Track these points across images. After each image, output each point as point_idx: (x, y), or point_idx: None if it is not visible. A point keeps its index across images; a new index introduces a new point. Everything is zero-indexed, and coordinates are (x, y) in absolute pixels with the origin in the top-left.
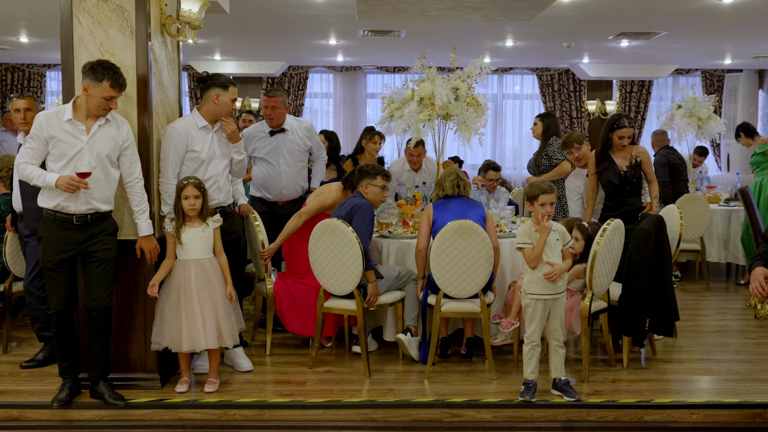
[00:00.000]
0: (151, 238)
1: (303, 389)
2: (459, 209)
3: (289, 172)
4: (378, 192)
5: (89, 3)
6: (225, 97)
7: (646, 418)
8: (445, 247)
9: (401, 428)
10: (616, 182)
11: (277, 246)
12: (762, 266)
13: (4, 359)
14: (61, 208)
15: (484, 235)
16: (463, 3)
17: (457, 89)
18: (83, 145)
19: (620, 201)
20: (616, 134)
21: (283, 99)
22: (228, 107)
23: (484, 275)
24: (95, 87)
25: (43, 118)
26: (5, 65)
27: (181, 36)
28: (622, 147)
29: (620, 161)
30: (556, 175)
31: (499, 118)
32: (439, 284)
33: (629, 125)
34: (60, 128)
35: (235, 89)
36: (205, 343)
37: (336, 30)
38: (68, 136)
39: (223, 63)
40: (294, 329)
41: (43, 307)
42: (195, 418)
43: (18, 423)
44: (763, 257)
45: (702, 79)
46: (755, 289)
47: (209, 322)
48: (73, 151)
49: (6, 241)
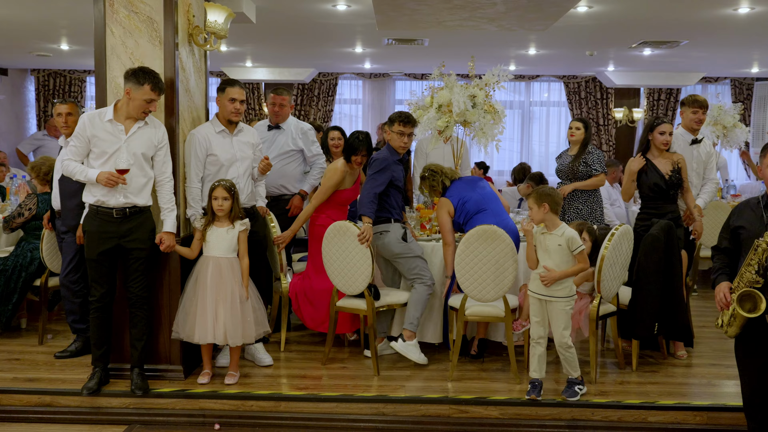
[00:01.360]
0: (172, 235)
1: (318, 384)
2: (471, 187)
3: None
4: (396, 138)
5: (121, 15)
6: (222, 98)
7: (649, 419)
8: (470, 251)
9: (410, 423)
10: (663, 186)
11: (291, 233)
12: (726, 280)
13: (39, 350)
14: (101, 203)
15: (509, 240)
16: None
17: (474, 97)
18: (121, 144)
19: (661, 207)
20: (657, 131)
21: (289, 99)
22: (226, 108)
23: (509, 280)
24: (137, 90)
25: (86, 118)
26: (47, 71)
27: (207, 45)
28: (664, 146)
29: (663, 166)
30: (591, 186)
31: (526, 125)
32: (463, 288)
33: (668, 122)
34: (101, 128)
35: (233, 89)
36: (213, 338)
37: (361, 38)
38: (108, 135)
39: (254, 70)
40: (313, 325)
41: (78, 300)
42: (215, 408)
43: (50, 408)
44: (723, 270)
45: (731, 87)
46: (720, 302)
47: (220, 318)
48: (112, 149)
49: (43, 238)
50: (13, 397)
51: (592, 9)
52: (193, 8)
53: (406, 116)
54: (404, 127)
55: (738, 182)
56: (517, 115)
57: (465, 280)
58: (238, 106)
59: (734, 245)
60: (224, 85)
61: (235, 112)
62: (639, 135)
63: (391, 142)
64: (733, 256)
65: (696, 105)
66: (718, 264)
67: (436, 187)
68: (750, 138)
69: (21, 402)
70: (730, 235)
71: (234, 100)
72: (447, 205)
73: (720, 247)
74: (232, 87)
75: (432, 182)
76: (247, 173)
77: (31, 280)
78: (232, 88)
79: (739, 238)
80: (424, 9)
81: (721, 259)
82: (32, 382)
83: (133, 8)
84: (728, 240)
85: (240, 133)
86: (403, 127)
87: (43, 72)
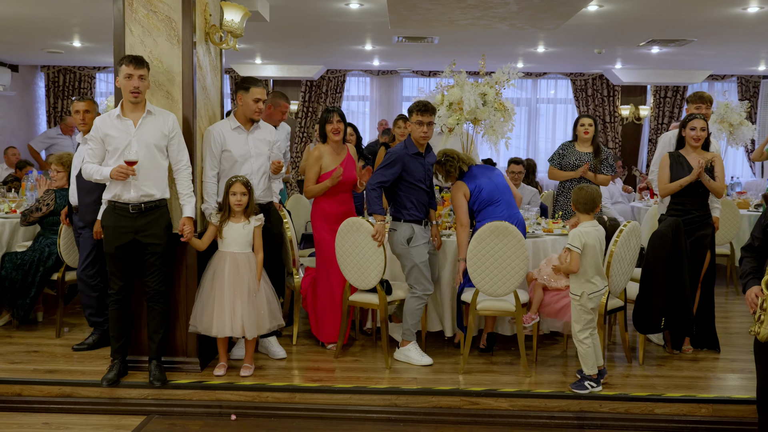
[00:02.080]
0: (192, 220)
1: (331, 376)
2: (486, 175)
3: None
4: (416, 129)
5: (140, 14)
6: (247, 98)
7: (656, 411)
8: (482, 247)
9: (422, 413)
10: (692, 183)
11: None
12: (757, 284)
13: (57, 342)
14: (117, 197)
15: (520, 236)
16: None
17: (485, 95)
18: (131, 138)
19: (690, 204)
20: (689, 126)
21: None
22: (250, 107)
23: (519, 275)
24: (119, 74)
25: (98, 120)
26: (58, 67)
27: (223, 44)
28: (695, 141)
29: (694, 163)
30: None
31: (533, 122)
32: (475, 283)
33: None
34: (111, 125)
35: (258, 90)
36: (231, 331)
37: (371, 36)
38: (118, 131)
39: (263, 67)
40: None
41: (94, 294)
42: (231, 399)
43: (70, 399)
44: (755, 275)
45: (737, 85)
46: (753, 303)
47: (237, 312)
48: (123, 144)
49: (60, 233)
50: (34, 388)
51: (603, 8)
52: (210, 7)
53: (424, 104)
54: (422, 116)
55: (743, 179)
56: (524, 111)
57: (477, 275)
58: (261, 106)
59: (766, 243)
60: (248, 84)
61: (258, 111)
62: (646, 132)
63: (412, 134)
64: (763, 257)
65: (698, 101)
66: (747, 267)
67: (452, 172)
68: (756, 135)
69: (42, 393)
70: (762, 234)
71: (258, 99)
72: (463, 188)
73: (753, 246)
74: (256, 87)
75: (449, 167)
76: (261, 170)
77: (48, 274)
78: (256, 88)
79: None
80: (437, 8)
81: (750, 261)
82: (52, 373)
83: (151, 7)
84: (761, 239)
85: (256, 130)
86: (421, 116)
87: (53, 68)
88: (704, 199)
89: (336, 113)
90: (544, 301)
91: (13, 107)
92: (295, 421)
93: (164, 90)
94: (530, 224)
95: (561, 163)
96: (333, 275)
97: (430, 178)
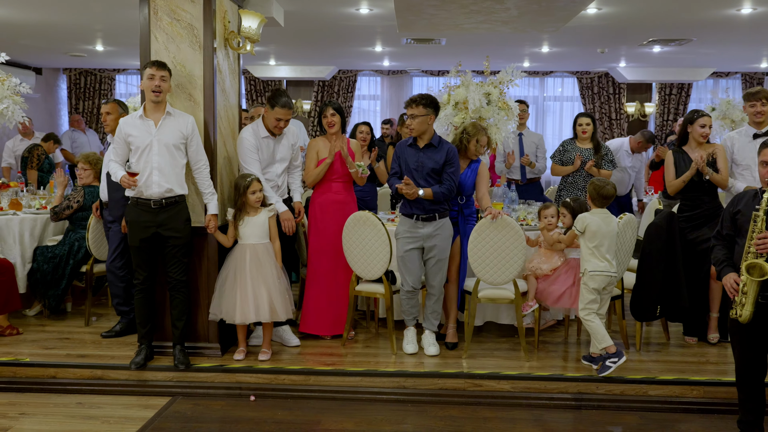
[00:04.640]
0: (216, 217)
1: (342, 360)
2: None
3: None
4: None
5: (164, 22)
6: (271, 114)
7: (650, 393)
8: (482, 238)
9: (429, 395)
10: (695, 178)
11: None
12: (732, 271)
13: (86, 330)
14: (138, 194)
15: (518, 227)
16: (492, 18)
17: (489, 94)
18: (152, 138)
19: (698, 198)
20: (697, 124)
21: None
22: (271, 122)
23: (518, 264)
24: (143, 77)
25: (122, 122)
26: (79, 70)
27: (242, 49)
28: (703, 138)
29: (696, 157)
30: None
31: (540, 119)
32: (476, 272)
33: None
34: (133, 126)
35: (282, 111)
36: (255, 317)
37: (381, 38)
38: (140, 131)
39: (277, 68)
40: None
41: (122, 285)
42: (250, 381)
43: (101, 381)
44: (728, 262)
45: (741, 82)
46: (732, 288)
47: (260, 299)
48: (145, 143)
49: (89, 228)
50: (68, 371)
51: (601, 11)
52: (229, 15)
53: (411, 98)
54: (407, 108)
55: None
56: (532, 109)
57: (477, 264)
58: (282, 125)
59: (734, 231)
60: (275, 102)
61: (278, 128)
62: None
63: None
64: (732, 243)
65: (753, 98)
66: (720, 255)
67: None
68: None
69: (75, 375)
70: (730, 222)
71: (279, 119)
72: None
73: (722, 234)
74: (282, 108)
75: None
76: (284, 170)
77: (77, 266)
78: (281, 109)
79: (737, 223)
80: (442, 14)
81: (721, 249)
82: (83, 358)
83: (175, 16)
84: (729, 227)
85: (283, 138)
86: (407, 108)
87: (74, 71)
88: (712, 191)
89: (330, 107)
90: (540, 288)
91: (37, 109)
92: (309, 401)
93: (187, 92)
94: (532, 217)
95: (562, 160)
96: (322, 266)
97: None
